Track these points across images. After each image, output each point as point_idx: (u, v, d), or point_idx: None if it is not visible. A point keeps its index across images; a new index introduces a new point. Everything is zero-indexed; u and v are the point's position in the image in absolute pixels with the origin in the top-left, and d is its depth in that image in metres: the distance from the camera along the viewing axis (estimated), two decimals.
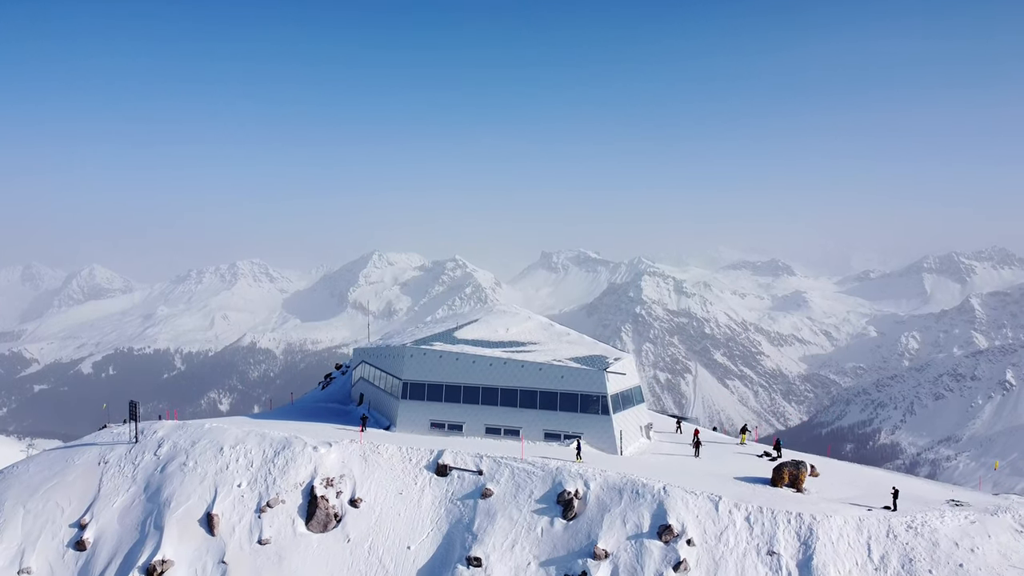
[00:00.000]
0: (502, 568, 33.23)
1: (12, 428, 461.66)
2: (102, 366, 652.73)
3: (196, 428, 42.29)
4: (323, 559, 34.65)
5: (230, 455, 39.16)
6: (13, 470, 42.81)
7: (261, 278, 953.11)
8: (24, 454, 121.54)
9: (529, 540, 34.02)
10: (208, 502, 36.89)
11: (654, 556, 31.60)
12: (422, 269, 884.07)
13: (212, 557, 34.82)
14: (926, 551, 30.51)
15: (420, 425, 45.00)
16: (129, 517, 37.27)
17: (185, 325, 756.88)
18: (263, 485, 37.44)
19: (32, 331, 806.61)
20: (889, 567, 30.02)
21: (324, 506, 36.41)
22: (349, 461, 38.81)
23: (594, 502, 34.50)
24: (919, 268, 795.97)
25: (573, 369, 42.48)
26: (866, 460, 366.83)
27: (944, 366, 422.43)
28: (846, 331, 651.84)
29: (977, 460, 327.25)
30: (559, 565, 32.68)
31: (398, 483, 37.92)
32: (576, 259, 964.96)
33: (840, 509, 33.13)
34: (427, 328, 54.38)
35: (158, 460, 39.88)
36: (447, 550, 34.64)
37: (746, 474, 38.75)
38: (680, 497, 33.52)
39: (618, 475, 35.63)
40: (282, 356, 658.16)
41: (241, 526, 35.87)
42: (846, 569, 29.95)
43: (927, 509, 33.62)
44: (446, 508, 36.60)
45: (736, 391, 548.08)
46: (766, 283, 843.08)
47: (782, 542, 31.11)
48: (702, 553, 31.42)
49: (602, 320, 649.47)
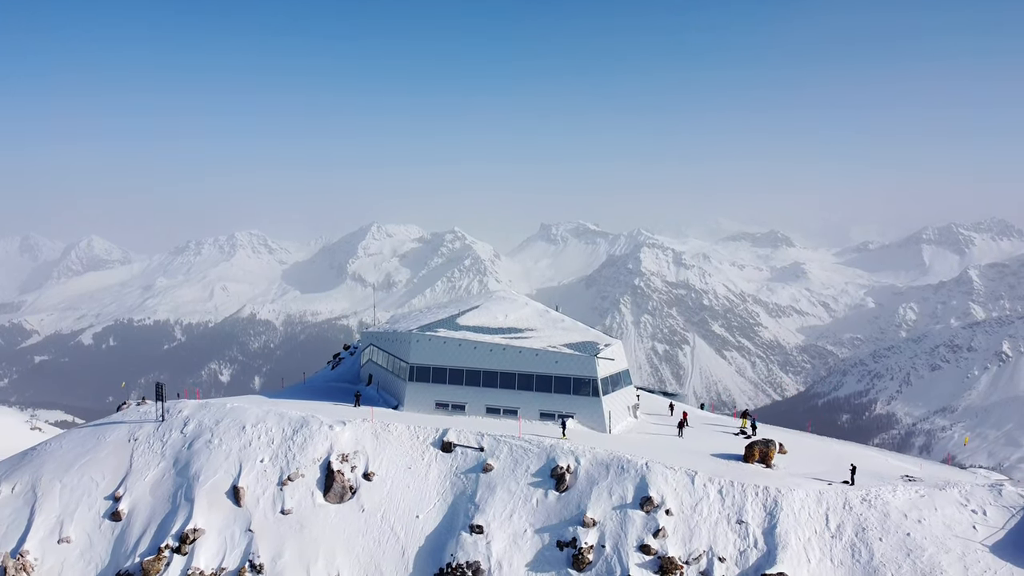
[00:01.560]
0: (501, 535, 35.70)
1: (13, 399, 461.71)
2: (102, 337, 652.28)
3: (218, 407, 44.73)
4: (340, 527, 37.44)
5: (252, 433, 41.89)
6: (46, 447, 44.83)
7: (260, 249, 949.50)
8: (27, 425, 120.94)
9: (526, 510, 36.86)
10: (234, 476, 39.70)
11: (636, 524, 34.81)
12: (421, 241, 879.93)
13: (239, 526, 37.67)
14: (877, 521, 33.27)
15: (426, 405, 47.80)
16: (160, 490, 39.76)
17: (184, 296, 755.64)
18: (284, 460, 40.27)
19: (32, 302, 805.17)
20: (844, 535, 32.94)
21: (340, 479, 39.22)
22: (362, 438, 41.60)
23: (584, 476, 37.59)
24: (918, 239, 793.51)
25: (566, 355, 45.87)
26: (862, 430, 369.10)
27: (941, 337, 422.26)
28: (844, 302, 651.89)
29: (973, 431, 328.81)
30: (552, 532, 35.60)
31: (407, 458, 40.79)
32: (575, 231, 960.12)
33: (803, 483, 36.08)
34: (431, 314, 57.51)
35: (185, 437, 42.54)
36: (452, 519, 37.46)
37: (722, 451, 41.78)
38: (660, 472, 36.70)
39: (606, 452, 38.71)
40: (282, 327, 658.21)
41: (265, 498, 38.62)
42: (805, 537, 32.82)
43: (882, 483, 36.25)
44: (451, 481, 39.44)
45: (734, 362, 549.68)
46: (765, 254, 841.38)
47: (750, 512, 34.11)
48: (679, 522, 34.56)
49: (601, 292, 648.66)
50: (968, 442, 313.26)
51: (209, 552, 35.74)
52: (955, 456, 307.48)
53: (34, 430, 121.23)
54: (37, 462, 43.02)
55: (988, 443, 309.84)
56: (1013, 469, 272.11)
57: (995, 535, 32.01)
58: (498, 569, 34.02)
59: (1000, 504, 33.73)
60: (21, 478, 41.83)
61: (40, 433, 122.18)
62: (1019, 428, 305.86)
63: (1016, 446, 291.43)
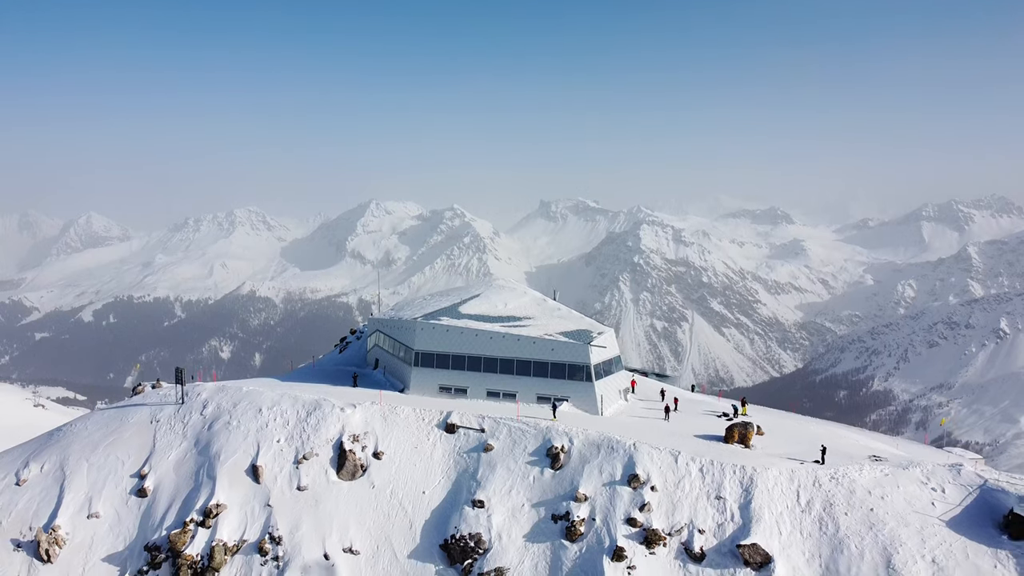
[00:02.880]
0: (501, 509, 37.98)
1: (15, 376, 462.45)
2: (102, 314, 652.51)
3: (235, 391, 46.89)
4: (353, 502, 39.63)
5: (268, 415, 44.00)
6: (71, 429, 46.82)
7: (259, 226, 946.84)
8: (30, 402, 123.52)
9: (523, 486, 39.18)
10: (252, 455, 41.80)
11: (624, 499, 36.95)
12: (420, 218, 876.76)
13: (259, 501, 39.75)
14: (844, 498, 35.48)
15: (430, 389, 50.12)
16: (183, 468, 41.91)
17: (184, 273, 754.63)
18: (299, 441, 42.42)
19: (31, 279, 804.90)
20: (813, 510, 35.17)
21: (352, 458, 41.42)
22: (371, 420, 43.78)
23: (577, 455, 40.04)
24: (918, 216, 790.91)
25: (562, 342, 48.15)
26: (859, 407, 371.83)
27: (939, 314, 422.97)
28: (843, 279, 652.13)
29: (969, 407, 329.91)
30: (547, 506, 37.91)
31: (413, 439, 43.00)
32: (575, 208, 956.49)
33: (777, 462, 38.24)
34: (434, 301, 59.44)
35: (204, 419, 44.68)
36: (455, 494, 39.75)
37: (704, 432, 43.99)
38: (647, 452, 38.85)
39: (597, 433, 41.04)
40: (282, 304, 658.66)
41: (282, 475, 40.77)
42: (778, 511, 35.04)
43: (850, 463, 38.37)
44: (454, 460, 41.73)
45: (732, 339, 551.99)
46: (765, 231, 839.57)
47: (728, 489, 36.41)
48: (663, 497, 36.76)
49: (600, 269, 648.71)
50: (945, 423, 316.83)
51: (231, 525, 38.18)
52: (951, 432, 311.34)
53: (37, 407, 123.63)
54: (64, 442, 45.33)
55: (984, 419, 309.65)
56: (1009, 445, 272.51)
57: (951, 511, 34.64)
58: (498, 540, 36.47)
59: (959, 483, 36.28)
60: (49, 458, 44.15)
61: (43, 410, 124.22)
62: (1015, 405, 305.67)
63: (1012, 422, 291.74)
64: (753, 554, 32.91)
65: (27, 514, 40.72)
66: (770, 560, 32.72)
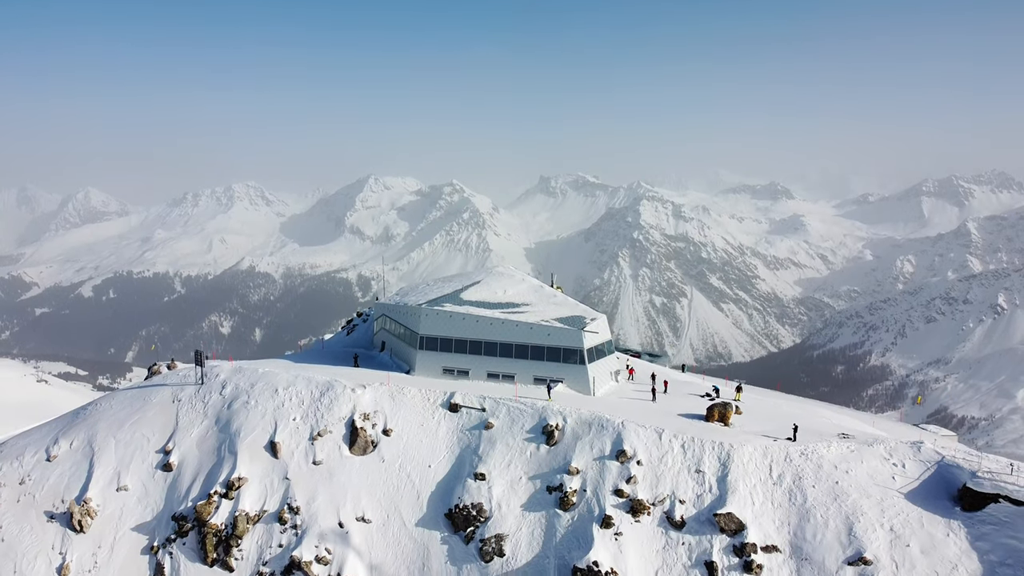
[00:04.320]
0: (501, 481, 40.92)
1: (16, 351, 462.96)
2: (102, 289, 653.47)
3: (251, 372, 49.44)
4: (364, 475, 42.33)
5: (284, 395, 46.58)
6: (96, 408, 49.54)
7: (257, 201, 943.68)
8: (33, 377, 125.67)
9: (521, 461, 42.00)
10: (270, 432, 44.35)
11: (612, 472, 39.84)
12: (419, 194, 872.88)
13: (277, 475, 42.29)
14: (812, 471, 38.57)
15: (434, 371, 52.83)
16: (206, 444, 44.59)
17: (183, 248, 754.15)
18: (313, 419, 45.01)
19: (30, 255, 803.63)
20: (783, 483, 38.19)
21: (363, 435, 44.10)
22: (381, 400, 46.42)
23: (570, 433, 42.74)
24: (918, 191, 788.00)
25: (557, 328, 50.83)
26: (855, 382, 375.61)
27: (937, 289, 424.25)
28: (842, 254, 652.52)
29: (966, 382, 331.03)
30: (543, 479, 40.83)
31: (419, 417, 45.62)
32: (575, 183, 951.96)
33: (753, 439, 41.06)
34: (437, 287, 61.96)
35: (224, 399, 47.24)
36: (459, 468, 42.51)
37: (688, 412, 46.79)
38: (633, 429, 41.62)
39: (589, 412, 43.72)
40: (281, 280, 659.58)
41: (299, 451, 43.41)
42: (751, 484, 38.01)
43: (819, 440, 41.28)
44: (457, 437, 44.40)
45: (730, 314, 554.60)
46: (764, 207, 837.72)
47: (707, 463, 39.33)
48: (647, 471, 39.59)
49: (599, 245, 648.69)
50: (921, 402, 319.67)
51: (252, 497, 41.11)
52: (947, 407, 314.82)
53: (40, 382, 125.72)
54: (90, 421, 48.07)
55: (980, 394, 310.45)
56: (1005, 420, 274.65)
57: (910, 485, 37.70)
58: (498, 509, 39.46)
59: (918, 459, 39.36)
60: (77, 435, 46.91)
61: (46, 385, 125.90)
62: (1012, 380, 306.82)
63: (1008, 397, 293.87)
64: (728, 522, 36.10)
65: (59, 487, 43.38)
66: (743, 527, 35.90)
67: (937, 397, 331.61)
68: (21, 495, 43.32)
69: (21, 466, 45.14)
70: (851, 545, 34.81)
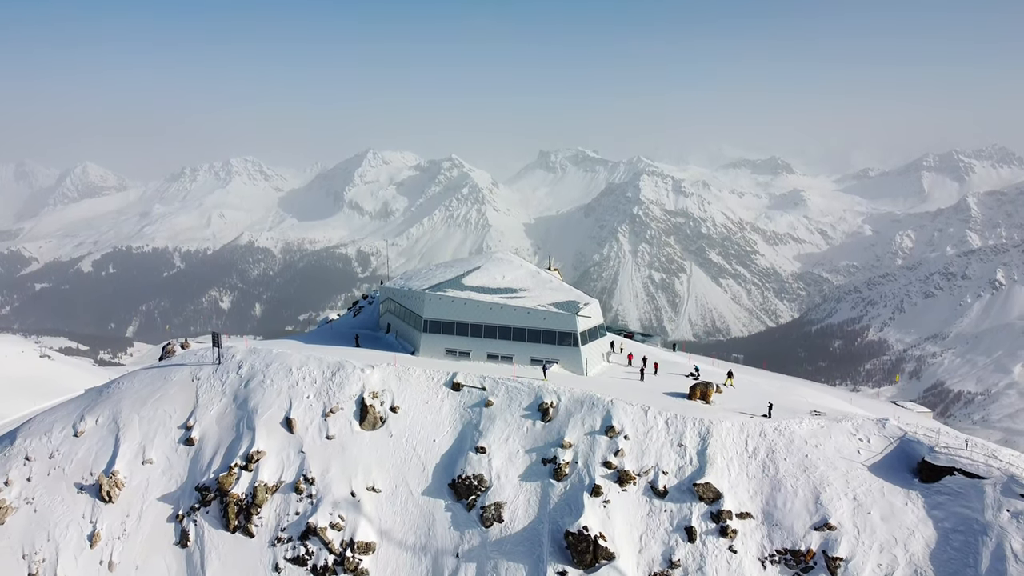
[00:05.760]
0: (500, 454, 44.09)
1: (16, 326, 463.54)
2: (102, 264, 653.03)
3: (266, 353, 52.12)
4: (374, 449, 45.39)
5: (298, 375, 49.41)
6: (118, 387, 52.14)
7: (256, 176, 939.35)
8: (36, 352, 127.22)
9: (518, 435, 45.13)
10: (286, 409, 46.95)
11: (602, 446, 42.93)
12: (418, 169, 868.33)
13: (293, 448, 45.15)
14: (784, 446, 41.71)
15: (438, 352, 55.80)
16: (225, 421, 47.38)
17: (182, 223, 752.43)
18: (326, 397, 47.81)
19: (29, 230, 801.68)
20: (758, 456, 41.42)
21: (372, 412, 46.99)
22: (388, 379, 49.28)
23: (563, 410, 45.62)
24: (918, 166, 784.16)
25: (552, 313, 53.92)
26: (853, 357, 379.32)
27: (936, 265, 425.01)
28: (842, 230, 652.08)
29: (963, 357, 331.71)
30: (538, 452, 43.98)
31: (424, 395, 48.52)
32: (574, 158, 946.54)
33: (731, 416, 44.11)
34: (439, 273, 64.65)
35: (240, 378, 49.94)
36: (461, 442, 45.57)
37: (672, 390, 49.87)
38: (621, 407, 44.66)
39: (581, 391, 46.62)
40: (280, 255, 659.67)
41: (312, 426, 46.18)
42: (728, 457, 41.26)
43: (792, 417, 44.30)
44: (460, 413, 47.31)
45: (729, 290, 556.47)
46: (765, 181, 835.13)
47: (688, 438, 42.52)
48: (634, 444, 42.70)
49: (599, 221, 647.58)
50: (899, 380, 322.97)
51: (270, 469, 44.22)
52: (944, 381, 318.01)
53: (43, 357, 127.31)
54: (114, 398, 50.80)
55: (977, 369, 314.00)
56: (1001, 395, 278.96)
57: (873, 458, 40.95)
58: (497, 480, 42.66)
59: (882, 435, 42.60)
60: (102, 412, 49.68)
61: (49, 360, 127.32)
62: (1009, 355, 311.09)
63: (1005, 372, 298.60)
64: (706, 491, 39.44)
65: (87, 461, 46.29)
66: (720, 496, 39.24)
67: (934, 372, 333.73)
68: (51, 468, 46.16)
69: (50, 441, 48.00)
70: (817, 512, 38.15)
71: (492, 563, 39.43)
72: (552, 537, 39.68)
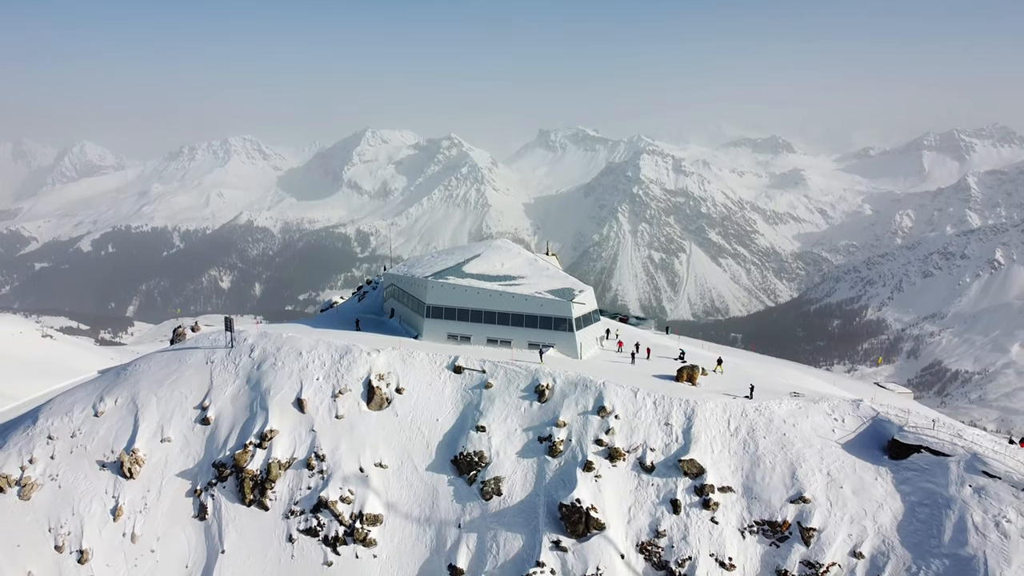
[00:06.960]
0: (499, 432, 46.69)
1: (16, 306, 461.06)
2: (101, 244, 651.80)
3: (276, 337, 54.31)
4: (381, 428, 47.77)
5: (308, 358, 51.57)
6: (135, 369, 54.25)
7: (254, 155, 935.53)
8: (38, 332, 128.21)
9: (516, 415, 47.62)
10: (297, 391, 49.00)
11: (594, 425, 45.51)
12: (417, 148, 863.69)
13: (304, 427, 47.34)
14: (764, 425, 44.34)
15: (440, 336, 58.25)
16: (239, 401, 49.47)
17: (181, 203, 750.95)
18: (335, 379, 49.88)
19: (28, 209, 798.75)
20: (739, 434, 44.11)
21: (379, 393, 49.30)
22: (393, 362, 51.61)
23: (559, 391, 47.94)
24: (919, 145, 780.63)
25: (549, 299, 56.38)
26: (852, 336, 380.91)
27: (935, 244, 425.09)
28: (842, 209, 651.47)
29: (960, 336, 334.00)
30: (535, 431, 46.40)
31: (428, 378, 50.76)
32: (574, 137, 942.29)
33: (715, 397, 46.68)
34: (441, 260, 66.85)
35: (253, 361, 51.92)
36: (463, 422, 48.03)
37: (661, 373, 52.37)
38: (613, 388, 47.10)
39: (575, 374, 48.97)
40: (280, 235, 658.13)
41: (322, 407, 48.29)
42: (712, 435, 43.92)
43: (772, 398, 46.86)
44: (461, 395, 49.65)
45: (729, 269, 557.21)
46: (765, 160, 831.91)
47: (674, 417, 45.13)
48: (624, 423, 45.27)
49: (599, 200, 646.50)
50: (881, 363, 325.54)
51: (283, 446, 46.73)
52: (941, 361, 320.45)
53: (45, 337, 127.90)
54: (132, 380, 53.06)
55: (975, 349, 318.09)
56: (998, 374, 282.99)
57: (847, 437, 43.76)
58: (496, 456, 45.29)
59: (856, 415, 45.40)
60: (121, 393, 51.90)
61: (51, 340, 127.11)
62: (1006, 334, 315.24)
63: (1002, 352, 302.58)
64: (691, 467, 42.25)
65: (108, 439, 48.57)
66: (703, 471, 42.07)
67: (932, 351, 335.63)
68: (73, 447, 48.54)
69: (71, 421, 50.28)
70: (793, 487, 41.03)
71: (492, 533, 42.29)
72: (547, 509, 42.42)
